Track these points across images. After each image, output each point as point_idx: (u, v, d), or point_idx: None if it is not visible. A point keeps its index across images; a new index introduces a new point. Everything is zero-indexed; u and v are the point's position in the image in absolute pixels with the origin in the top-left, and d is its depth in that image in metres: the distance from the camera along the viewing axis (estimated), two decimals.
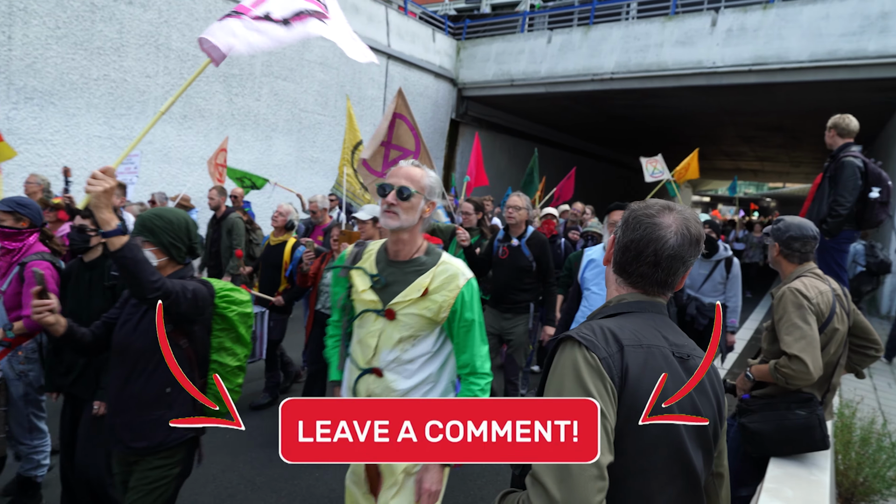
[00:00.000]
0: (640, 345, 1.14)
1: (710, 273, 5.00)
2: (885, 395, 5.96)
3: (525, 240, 4.44)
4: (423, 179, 2.08)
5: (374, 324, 2.09)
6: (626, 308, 1.24)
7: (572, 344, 1.13)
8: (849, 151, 4.55)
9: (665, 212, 1.24)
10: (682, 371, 1.18)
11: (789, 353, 2.42)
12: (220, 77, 10.01)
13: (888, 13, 9.93)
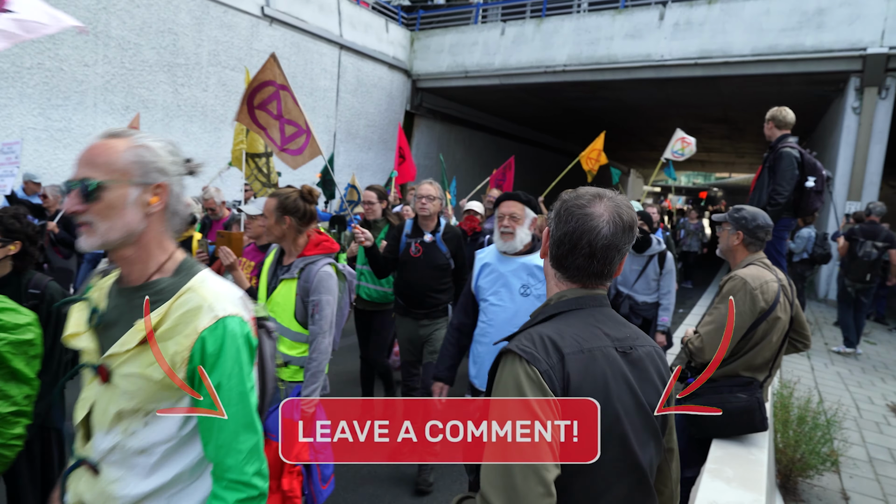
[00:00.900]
0: (581, 350, 1.14)
1: (643, 269, 4.69)
2: (821, 374, 6.27)
3: (440, 234, 3.87)
4: (115, 156, 1.25)
5: (88, 388, 1.32)
6: (567, 306, 1.24)
7: (513, 358, 1.12)
8: (786, 143, 4.72)
9: (596, 200, 1.23)
10: (626, 365, 1.19)
11: (696, 330, 2.67)
12: (165, 67, 9.65)
13: (824, 10, 10.36)
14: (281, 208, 2.69)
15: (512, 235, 2.79)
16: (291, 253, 2.76)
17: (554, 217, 1.28)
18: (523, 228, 2.81)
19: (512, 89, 14.85)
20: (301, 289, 2.67)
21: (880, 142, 10.24)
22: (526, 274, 2.78)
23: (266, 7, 11.19)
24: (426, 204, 3.80)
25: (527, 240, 2.84)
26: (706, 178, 62.01)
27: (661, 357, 1.29)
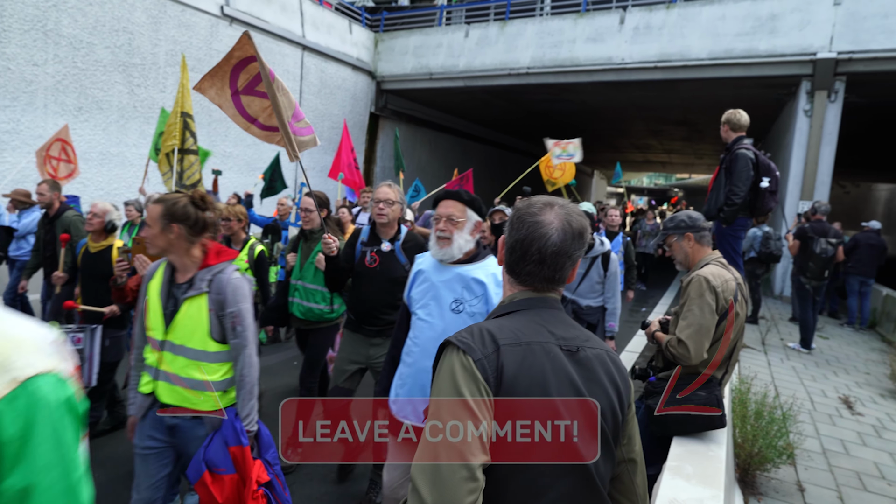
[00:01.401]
0: (518, 342, 1.16)
1: (587, 271, 4.46)
2: (777, 369, 6.45)
3: (400, 243, 3.43)
4: None
5: None
6: (516, 307, 1.27)
7: (451, 349, 1.16)
8: (741, 144, 4.85)
9: (547, 209, 1.27)
10: (571, 364, 1.19)
11: (679, 338, 2.62)
12: (120, 66, 9.37)
13: (776, 15, 10.70)
14: (167, 215, 2.33)
15: (449, 241, 2.43)
16: (186, 267, 2.39)
17: (508, 225, 1.32)
18: (463, 233, 2.44)
19: (476, 91, 14.91)
20: (214, 303, 2.34)
21: (830, 143, 10.62)
22: (461, 287, 2.41)
23: (226, 6, 10.97)
24: (384, 209, 3.35)
25: (467, 247, 2.46)
26: (667, 179, 63.44)
27: (615, 361, 1.28)
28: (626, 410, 1.27)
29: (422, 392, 2.38)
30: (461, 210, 2.47)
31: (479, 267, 2.45)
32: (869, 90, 10.99)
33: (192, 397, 2.33)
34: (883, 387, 6.22)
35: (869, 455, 4.37)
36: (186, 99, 4.69)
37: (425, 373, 2.35)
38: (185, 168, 4.68)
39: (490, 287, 2.38)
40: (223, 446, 2.31)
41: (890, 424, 5.09)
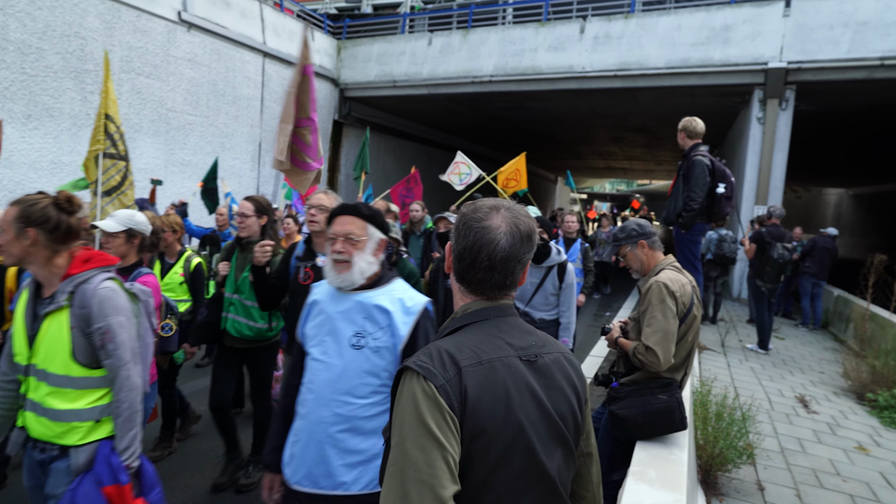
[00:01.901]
0: (480, 361, 1.13)
1: (541, 282, 4.20)
2: (736, 370, 6.61)
3: None
4: None
5: None
6: (471, 318, 1.24)
7: (410, 374, 1.11)
8: (698, 151, 4.97)
9: (493, 213, 1.24)
10: (530, 374, 1.18)
11: (646, 345, 2.63)
12: (72, 73, 9.07)
13: (729, 26, 11.05)
14: (23, 219, 2.00)
15: (347, 265, 2.03)
16: (49, 279, 2.08)
17: (454, 232, 1.28)
18: (364, 255, 2.06)
19: (440, 99, 14.95)
20: (78, 318, 2.02)
21: (782, 150, 10.99)
22: (362, 317, 2.00)
23: (183, 12, 10.75)
24: (316, 216, 2.98)
25: (370, 270, 2.08)
26: (629, 185, 64.82)
27: (572, 362, 1.29)
28: (583, 408, 1.28)
29: (318, 450, 1.94)
30: (361, 227, 2.09)
31: (383, 292, 2.05)
32: (817, 98, 11.44)
33: (57, 429, 2.02)
34: (836, 385, 6.44)
35: (824, 452, 4.50)
36: (109, 100, 4.39)
37: (322, 425, 1.94)
38: (104, 172, 4.24)
39: (396, 315, 1.99)
40: (96, 487, 1.98)
41: (843, 422, 5.26)
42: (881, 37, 9.92)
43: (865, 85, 10.53)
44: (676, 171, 5.17)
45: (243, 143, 12.51)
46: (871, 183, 27.05)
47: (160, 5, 10.36)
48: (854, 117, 13.53)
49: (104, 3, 9.42)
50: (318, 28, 15.16)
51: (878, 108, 12.45)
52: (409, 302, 2.03)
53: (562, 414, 1.20)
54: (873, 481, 4.05)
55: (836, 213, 32.43)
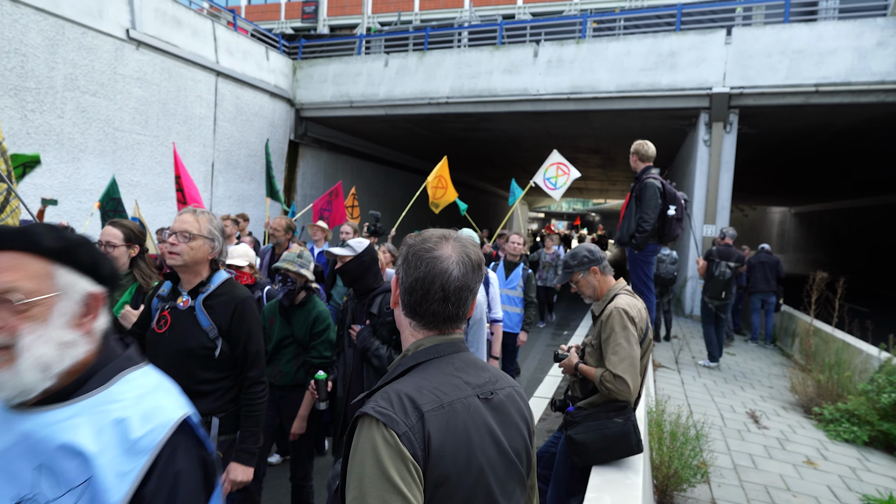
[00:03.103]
0: (441, 405, 1.08)
1: None
2: (690, 387, 6.73)
3: (205, 295, 2.44)
4: None
5: None
6: (425, 356, 1.19)
7: (368, 422, 1.04)
8: (649, 174, 5.09)
9: (443, 242, 1.22)
10: (488, 412, 1.16)
11: (614, 373, 2.63)
12: (11, 90, 8.68)
13: (675, 52, 11.48)
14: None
15: (6, 355, 1.00)
16: None
17: (402, 263, 1.24)
18: (46, 329, 1.03)
19: (398, 120, 14.98)
20: None
21: (728, 170, 11.42)
22: (33, 467, 0.99)
23: (132, 30, 10.48)
24: (176, 246, 2.37)
25: (63, 360, 1.04)
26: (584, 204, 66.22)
27: (522, 396, 1.28)
28: (533, 442, 1.27)
29: None
30: (35, 275, 1.04)
31: (87, 411, 1.03)
32: (759, 122, 11.96)
33: None
34: (784, 399, 6.62)
35: (775, 468, 4.60)
36: None
37: None
38: None
39: (104, 462, 0.98)
40: None
41: (792, 436, 5.39)
42: (815, 65, 10.47)
43: (802, 109, 11.09)
44: (629, 193, 5.28)
45: (195, 163, 12.20)
46: (811, 202, 28.39)
47: (107, 22, 10.08)
48: (793, 140, 14.21)
49: (46, 19, 9.10)
50: (274, 48, 15.03)
51: (814, 132, 13.11)
52: (141, 427, 1.02)
53: (517, 451, 1.19)
54: (821, 495, 4.15)
55: (781, 231, 33.87)
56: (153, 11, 11.05)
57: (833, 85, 10.35)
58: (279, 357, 3.45)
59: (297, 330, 3.42)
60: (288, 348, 3.45)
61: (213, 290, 2.46)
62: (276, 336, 3.46)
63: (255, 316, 2.53)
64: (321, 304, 3.54)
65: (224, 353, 2.44)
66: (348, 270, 3.06)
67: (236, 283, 2.58)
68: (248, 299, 2.52)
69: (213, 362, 2.43)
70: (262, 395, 2.53)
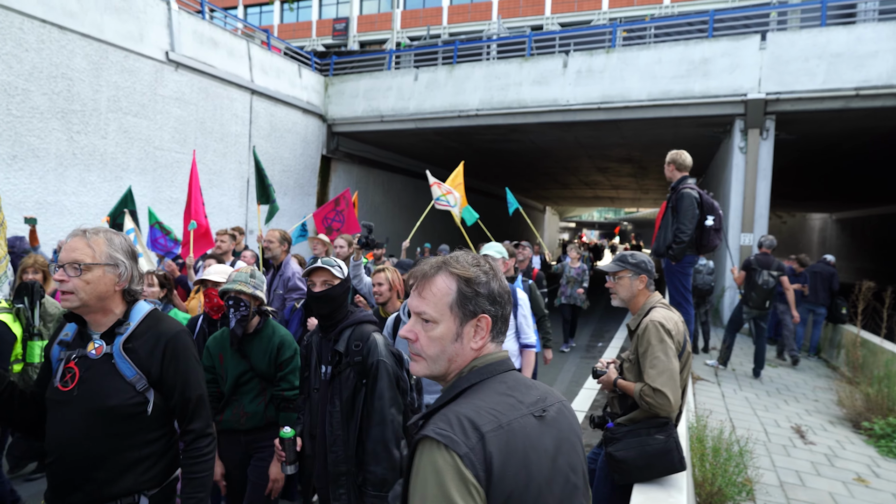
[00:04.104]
0: (500, 425, 1.09)
1: None
2: (731, 401, 6.55)
3: (124, 337, 1.89)
4: None
5: None
6: (478, 376, 1.20)
7: (429, 444, 1.05)
8: (686, 184, 5.02)
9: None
10: (543, 430, 1.16)
11: (654, 387, 2.56)
12: (58, 113, 9.06)
13: (708, 59, 11.32)
14: None
15: None
16: None
17: (479, 283, 1.24)
18: None
19: (427, 133, 15.09)
20: None
21: (765, 178, 11.16)
22: None
23: (171, 52, 10.84)
24: (66, 283, 1.81)
25: None
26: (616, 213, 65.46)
27: (570, 410, 1.29)
28: (584, 454, 1.27)
29: None
30: None
31: None
32: (796, 128, 11.67)
33: None
34: (831, 413, 6.40)
35: (824, 485, 4.43)
36: None
37: None
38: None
39: None
40: None
41: (841, 452, 5.20)
42: (855, 68, 10.19)
43: (842, 114, 10.78)
44: (665, 202, 5.21)
45: (231, 179, 12.50)
46: (854, 208, 27.50)
47: (148, 45, 10.45)
48: (834, 144, 13.82)
49: (91, 44, 9.48)
50: (306, 65, 15.35)
51: (856, 136, 12.72)
52: None
53: (573, 467, 1.19)
54: None
55: (822, 238, 32.88)
56: (191, 33, 11.41)
57: (874, 88, 10.05)
58: (240, 397, 2.98)
59: (256, 362, 2.97)
60: (249, 384, 2.98)
61: (133, 330, 1.90)
62: (230, 374, 2.96)
63: (191, 353, 2.00)
64: (280, 327, 3.11)
65: (158, 407, 1.90)
66: (332, 297, 2.59)
67: (162, 317, 2.02)
68: (181, 334, 1.98)
69: (143, 422, 1.88)
70: (209, 451, 2.02)
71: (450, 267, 1.23)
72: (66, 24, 9.07)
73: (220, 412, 2.99)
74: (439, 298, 1.22)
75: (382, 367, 2.47)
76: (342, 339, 2.56)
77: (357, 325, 2.60)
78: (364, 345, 2.51)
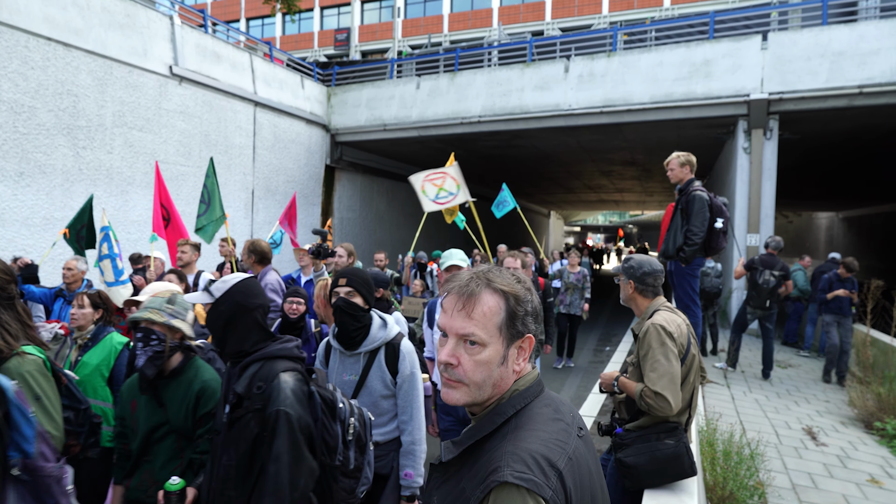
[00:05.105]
0: (569, 457, 1.05)
1: (362, 379, 2.68)
2: (741, 403, 6.51)
3: None
4: None
5: None
6: (522, 400, 1.14)
7: (510, 491, 0.97)
8: (695, 186, 5.03)
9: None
10: (587, 450, 1.14)
11: (654, 390, 2.55)
12: (64, 129, 9.14)
13: (709, 61, 11.32)
14: None
15: None
16: None
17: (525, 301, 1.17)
18: None
19: (430, 140, 15.13)
20: None
21: (770, 178, 11.12)
22: None
23: (175, 66, 10.93)
24: None
25: None
26: (621, 216, 65.29)
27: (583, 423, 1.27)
28: None
29: None
30: None
31: None
32: (800, 127, 11.63)
33: None
34: (843, 414, 6.34)
35: (837, 487, 4.39)
36: None
37: None
38: None
39: None
40: None
41: (854, 453, 5.15)
42: (858, 66, 10.17)
43: (846, 112, 10.74)
44: (673, 204, 5.20)
45: (236, 191, 12.56)
46: (860, 206, 27.35)
47: (151, 60, 10.54)
48: (838, 143, 13.75)
49: (96, 60, 9.57)
50: (308, 76, 15.44)
51: (860, 134, 12.67)
52: None
53: (601, 479, 1.18)
54: None
55: (828, 237, 32.68)
56: (194, 47, 11.50)
57: (878, 86, 10.02)
58: (152, 458, 2.37)
59: (173, 413, 2.36)
60: (163, 443, 2.36)
61: None
62: (141, 427, 2.37)
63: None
64: (206, 368, 2.50)
65: None
66: (209, 325, 2.10)
67: None
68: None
69: None
70: None
71: (494, 283, 1.14)
72: (71, 41, 9.17)
73: (127, 476, 2.42)
74: (489, 318, 1.12)
75: (283, 419, 1.85)
76: (245, 376, 2.00)
77: (268, 361, 2.02)
78: (267, 387, 1.92)
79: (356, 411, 2.18)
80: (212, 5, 36.95)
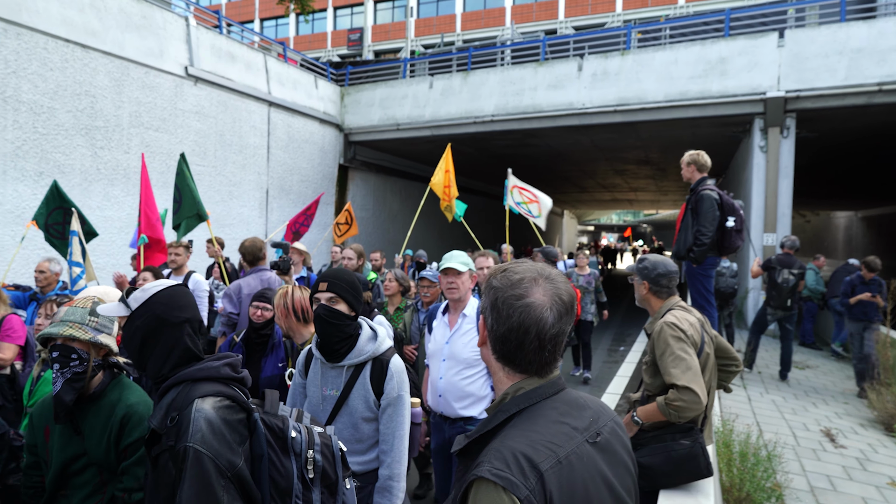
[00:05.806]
0: (558, 461, 1.04)
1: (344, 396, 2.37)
2: (758, 404, 6.44)
3: None
4: None
5: None
6: (525, 401, 1.14)
7: (485, 486, 0.99)
8: (705, 185, 4.97)
9: (533, 286, 1.15)
10: (598, 455, 1.12)
11: (679, 385, 2.49)
12: (82, 130, 9.26)
13: (725, 58, 11.21)
14: None
15: None
16: None
17: (491, 310, 1.18)
18: None
19: (443, 140, 15.10)
20: None
21: (787, 177, 10.98)
22: None
23: (190, 67, 11.03)
24: None
25: None
26: (635, 216, 64.86)
27: (621, 426, 1.24)
28: (636, 478, 1.22)
29: None
30: None
31: None
32: (818, 125, 11.48)
33: None
34: (862, 416, 6.25)
35: (856, 490, 4.33)
36: None
37: None
38: None
39: None
40: None
41: (873, 456, 5.08)
42: (877, 63, 10.01)
43: (865, 110, 10.58)
44: (685, 204, 5.15)
45: (251, 190, 12.66)
46: (880, 205, 26.91)
47: (167, 61, 10.65)
48: (857, 141, 13.55)
49: (113, 61, 9.69)
50: (322, 76, 15.51)
51: (880, 131, 12.47)
52: None
53: (627, 489, 1.15)
54: None
55: (847, 236, 32.21)
56: (209, 48, 11.61)
57: None
58: (69, 493, 2.03)
59: (92, 443, 1.99)
60: (82, 476, 2.01)
61: None
62: (55, 458, 2.02)
63: None
64: (134, 391, 2.12)
65: None
66: (123, 344, 1.78)
67: None
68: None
69: None
70: None
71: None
72: (89, 42, 9.29)
73: None
74: None
75: (191, 458, 1.48)
76: (161, 405, 1.64)
77: (188, 385, 1.64)
78: (178, 418, 1.56)
79: (317, 441, 1.74)
80: (226, 6, 37.27)
